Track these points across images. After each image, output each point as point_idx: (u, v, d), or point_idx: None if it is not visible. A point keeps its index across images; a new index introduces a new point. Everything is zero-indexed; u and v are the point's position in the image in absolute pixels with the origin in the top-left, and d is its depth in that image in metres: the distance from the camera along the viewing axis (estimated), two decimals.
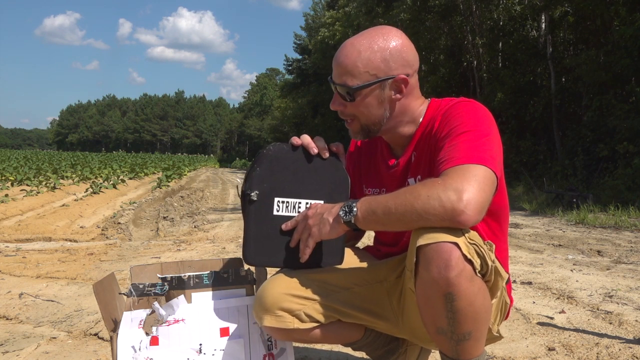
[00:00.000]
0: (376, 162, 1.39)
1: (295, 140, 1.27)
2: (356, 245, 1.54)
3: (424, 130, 1.27)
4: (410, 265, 1.08)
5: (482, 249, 1.05)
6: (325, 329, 1.27)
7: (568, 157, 11.60)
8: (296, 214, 1.26)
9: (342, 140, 1.54)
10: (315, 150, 1.26)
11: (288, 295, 1.23)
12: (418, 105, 1.29)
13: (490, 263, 1.06)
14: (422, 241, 1.02)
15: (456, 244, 1.00)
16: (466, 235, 1.04)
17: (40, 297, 2.75)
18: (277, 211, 1.26)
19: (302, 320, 1.24)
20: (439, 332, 1.08)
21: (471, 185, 1.02)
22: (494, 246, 1.12)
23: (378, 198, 1.09)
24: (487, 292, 1.08)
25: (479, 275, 1.04)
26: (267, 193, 1.25)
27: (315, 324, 1.25)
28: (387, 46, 1.21)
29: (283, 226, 1.23)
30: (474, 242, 1.04)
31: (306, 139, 1.27)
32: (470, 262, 1.02)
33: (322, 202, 1.26)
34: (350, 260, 1.39)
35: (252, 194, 1.24)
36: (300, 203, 1.27)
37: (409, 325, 1.29)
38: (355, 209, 1.09)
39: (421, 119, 1.29)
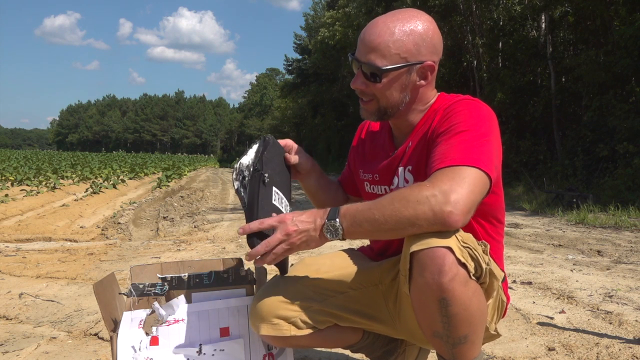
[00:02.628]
0: (377, 149, 1.39)
1: None
2: (351, 247, 1.54)
3: (425, 120, 1.26)
4: (404, 271, 1.07)
5: (475, 252, 1.04)
6: (322, 334, 1.27)
7: (568, 157, 11.59)
8: (283, 209, 1.27)
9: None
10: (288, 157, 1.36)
11: (283, 303, 1.22)
12: (432, 95, 1.29)
13: (484, 265, 1.05)
14: (415, 247, 1.01)
15: (450, 249, 1.00)
16: (459, 238, 1.03)
17: (40, 297, 2.75)
18: (274, 201, 1.24)
19: (298, 327, 1.23)
20: (435, 335, 1.08)
21: (460, 186, 1.00)
22: (488, 246, 1.11)
23: (361, 209, 1.06)
24: (482, 295, 1.08)
25: (473, 278, 1.04)
26: (270, 180, 1.23)
27: (312, 330, 1.25)
28: (419, 30, 1.19)
29: (254, 224, 1.11)
30: (467, 245, 1.03)
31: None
32: (464, 265, 1.01)
33: (284, 198, 1.29)
34: (345, 264, 1.38)
35: (266, 174, 1.20)
36: (283, 198, 1.29)
37: (406, 327, 1.28)
38: (340, 229, 1.06)
39: (426, 110, 1.28)
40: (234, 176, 1.21)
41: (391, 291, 1.30)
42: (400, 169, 1.27)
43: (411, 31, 1.18)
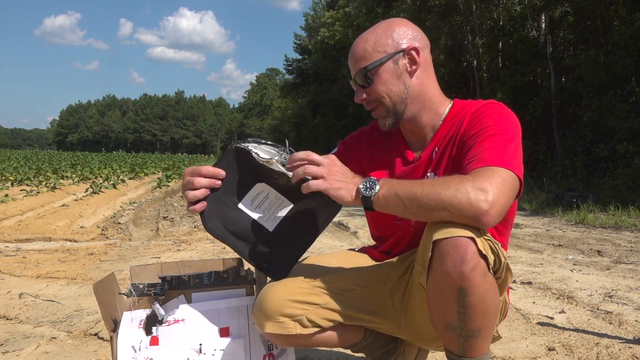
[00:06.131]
0: (389, 155, 1.38)
1: (198, 194, 1.19)
2: (352, 248, 1.54)
3: (448, 126, 1.28)
4: (423, 260, 1.08)
5: (496, 246, 1.06)
6: (326, 333, 1.27)
7: (568, 157, 11.60)
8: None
9: (339, 139, 1.53)
10: (219, 183, 1.20)
11: (289, 301, 1.22)
12: (438, 90, 1.31)
13: (503, 259, 1.07)
14: (438, 235, 1.03)
15: (472, 239, 1.01)
16: (481, 231, 1.05)
17: (40, 297, 2.75)
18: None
19: (304, 326, 1.23)
20: (448, 328, 1.08)
21: (498, 188, 1.03)
22: (500, 244, 1.13)
23: (402, 182, 1.08)
24: (497, 290, 1.09)
25: (491, 271, 1.05)
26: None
27: (317, 329, 1.25)
28: (391, 27, 1.27)
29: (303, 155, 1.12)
30: (488, 238, 1.05)
31: (203, 181, 1.19)
32: (484, 257, 1.02)
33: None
34: (350, 262, 1.39)
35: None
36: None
37: (411, 325, 1.29)
38: (377, 187, 1.08)
39: (445, 115, 1.30)
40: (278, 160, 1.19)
41: (398, 288, 1.30)
42: (430, 174, 1.28)
43: (383, 31, 1.27)
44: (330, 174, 1.11)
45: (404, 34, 1.27)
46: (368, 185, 1.09)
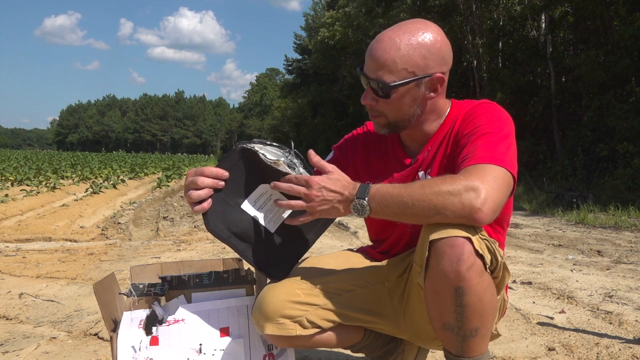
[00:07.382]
0: (385, 159, 1.38)
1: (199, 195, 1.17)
2: (351, 248, 1.54)
3: (442, 129, 1.28)
4: (420, 260, 1.09)
5: (493, 245, 1.06)
6: (326, 334, 1.27)
7: (568, 157, 11.60)
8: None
9: (339, 139, 1.53)
10: (222, 183, 1.19)
11: (289, 302, 1.22)
12: (445, 104, 1.30)
13: (500, 259, 1.07)
14: (435, 236, 1.03)
15: (469, 239, 1.02)
16: (477, 230, 1.05)
17: (40, 297, 2.75)
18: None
19: (304, 327, 1.23)
20: (446, 328, 1.08)
21: (490, 185, 1.03)
22: (497, 243, 1.13)
23: (392, 192, 1.07)
24: (494, 289, 1.09)
25: (488, 271, 1.05)
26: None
27: (317, 330, 1.25)
28: (426, 42, 1.18)
29: (291, 176, 1.13)
30: (485, 238, 1.06)
31: (207, 181, 1.17)
32: (481, 257, 1.03)
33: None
34: (349, 263, 1.39)
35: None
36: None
37: (410, 324, 1.29)
38: (367, 209, 1.08)
39: (443, 119, 1.29)
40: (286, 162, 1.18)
41: (397, 288, 1.30)
42: (421, 172, 1.29)
43: (418, 44, 1.17)
44: (312, 197, 1.10)
45: (437, 55, 1.18)
46: (359, 208, 1.09)
